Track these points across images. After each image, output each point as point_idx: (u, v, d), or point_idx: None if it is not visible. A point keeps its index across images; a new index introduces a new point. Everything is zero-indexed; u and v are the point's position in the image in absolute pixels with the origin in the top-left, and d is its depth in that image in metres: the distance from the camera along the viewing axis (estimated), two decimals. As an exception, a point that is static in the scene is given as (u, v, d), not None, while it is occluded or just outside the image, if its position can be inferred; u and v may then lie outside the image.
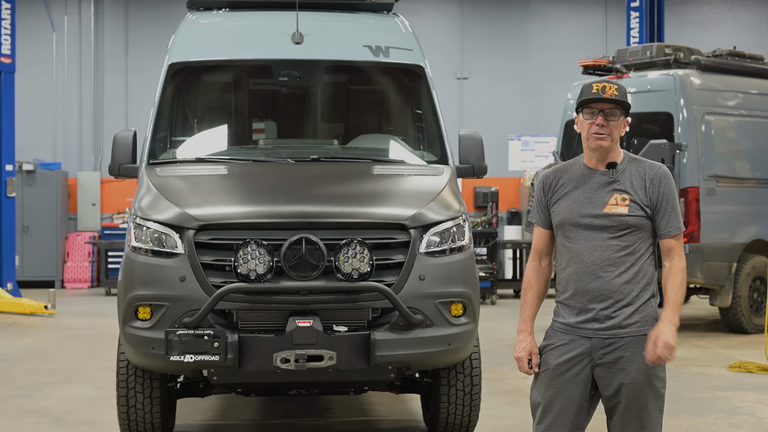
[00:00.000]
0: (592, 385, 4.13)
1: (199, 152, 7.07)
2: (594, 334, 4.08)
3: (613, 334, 4.06)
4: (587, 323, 4.09)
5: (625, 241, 4.08)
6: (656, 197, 4.11)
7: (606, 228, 4.09)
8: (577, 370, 4.10)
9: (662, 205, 4.11)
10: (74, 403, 8.14)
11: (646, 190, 4.11)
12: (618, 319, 4.06)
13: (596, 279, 4.08)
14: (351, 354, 5.74)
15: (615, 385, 4.06)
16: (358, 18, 7.79)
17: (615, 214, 4.08)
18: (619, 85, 4.15)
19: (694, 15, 20.82)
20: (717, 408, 7.99)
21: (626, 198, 4.10)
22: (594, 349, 4.08)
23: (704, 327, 13.21)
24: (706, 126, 11.98)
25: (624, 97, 4.12)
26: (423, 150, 7.29)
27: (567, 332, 4.15)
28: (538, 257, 4.34)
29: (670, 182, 4.14)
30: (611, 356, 4.05)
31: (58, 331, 12.74)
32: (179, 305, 5.80)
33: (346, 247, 5.80)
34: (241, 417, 7.65)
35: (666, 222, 4.11)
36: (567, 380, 4.11)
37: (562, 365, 4.12)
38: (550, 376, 4.14)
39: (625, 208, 4.08)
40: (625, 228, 4.08)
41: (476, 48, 20.25)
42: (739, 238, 12.23)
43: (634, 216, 4.08)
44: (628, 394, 4.03)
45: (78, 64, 19.61)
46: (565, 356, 4.12)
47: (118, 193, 18.97)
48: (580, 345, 4.10)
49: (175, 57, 7.33)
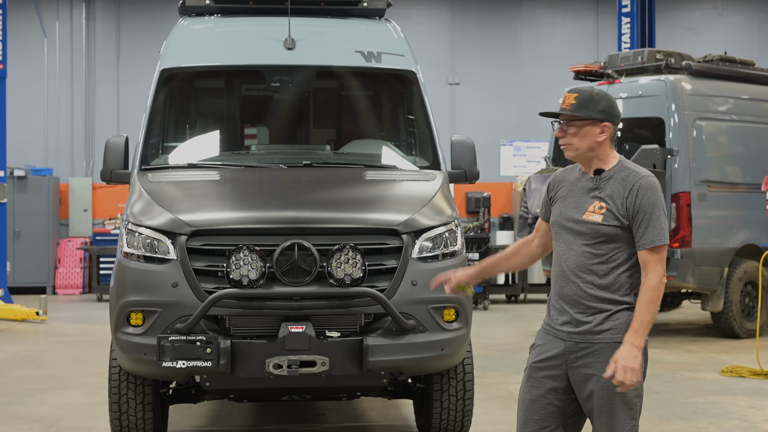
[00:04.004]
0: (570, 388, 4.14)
1: (191, 158, 7.07)
2: (568, 337, 4.09)
3: (585, 339, 4.05)
4: (563, 326, 4.11)
5: (599, 249, 4.03)
6: (633, 208, 3.99)
7: (582, 234, 4.06)
8: (551, 370, 4.12)
9: (638, 217, 3.99)
10: (66, 410, 8.11)
11: (624, 200, 4.01)
12: (590, 325, 4.04)
13: (570, 283, 4.08)
14: (344, 359, 5.74)
15: (587, 390, 4.05)
16: (350, 24, 7.80)
17: (589, 221, 4.04)
18: (580, 92, 4.09)
19: (685, 20, 20.89)
20: (709, 412, 8.00)
21: (603, 207, 4.03)
22: (568, 351, 4.08)
23: (696, 332, 13.24)
24: (698, 131, 12.02)
25: (582, 105, 4.03)
26: (415, 155, 7.30)
27: (548, 332, 4.18)
28: (534, 236, 4.39)
29: (650, 193, 3.98)
30: (583, 361, 4.05)
31: (49, 337, 12.71)
32: (171, 311, 5.80)
33: (339, 253, 5.80)
34: (233, 423, 7.64)
35: (641, 234, 3.99)
36: (540, 378, 4.14)
37: (538, 363, 4.16)
38: (527, 374, 4.20)
39: (599, 216, 4.02)
40: (597, 236, 4.03)
41: (468, 53, 20.28)
42: (731, 243, 12.25)
43: (608, 225, 4.01)
44: (598, 399, 4.02)
45: (69, 70, 19.59)
46: (541, 356, 4.15)
47: (110, 198, 18.95)
48: (556, 346, 4.12)
49: (167, 63, 7.33)
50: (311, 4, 7.74)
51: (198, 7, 7.80)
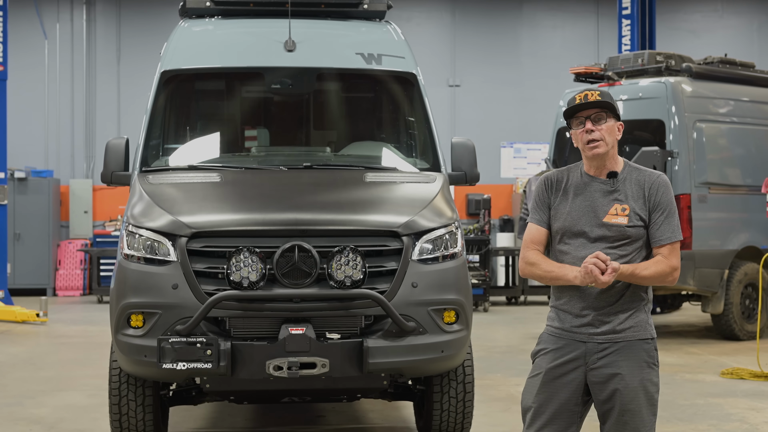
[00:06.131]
0: (584, 391, 4.13)
1: (192, 160, 7.07)
2: (589, 339, 4.09)
3: (608, 339, 4.07)
4: (582, 328, 4.10)
5: (623, 251, 4.09)
6: (652, 206, 4.10)
7: (605, 238, 4.10)
8: (570, 374, 4.11)
9: (656, 214, 4.10)
10: (66, 411, 8.11)
11: (645, 200, 4.11)
12: (612, 324, 4.07)
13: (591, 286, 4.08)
14: (344, 361, 5.74)
15: (609, 390, 4.06)
16: (351, 25, 7.81)
17: (615, 224, 4.09)
18: (601, 91, 4.15)
19: (685, 23, 20.89)
20: (709, 414, 8.00)
21: (626, 208, 4.10)
22: (588, 353, 4.08)
23: (696, 334, 13.23)
24: (698, 133, 12.02)
25: (610, 101, 4.13)
26: (415, 157, 7.30)
27: (561, 337, 4.15)
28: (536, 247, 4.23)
29: (668, 191, 4.13)
30: (605, 360, 4.06)
31: (50, 338, 12.71)
32: (172, 313, 5.80)
33: (339, 255, 5.80)
34: (233, 425, 7.64)
35: (657, 230, 4.09)
36: (560, 384, 4.12)
37: (555, 369, 4.13)
38: (543, 380, 4.14)
39: (624, 218, 4.09)
40: (623, 238, 4.09)
41: (468, 55, 20.28)
42: (731, 245, 12.25)
43: (633, 227, 4.09)
44: (622, 398, 4.04)
45: (70, 72, 19.59)
46: (558, 360, 4.13)
47: (111, 200, 18.94)
48: (574, 349, 4.11)
49: (167, 64, 7.33)
50: (311, 6, 7.74)
51: (198, 9, 7.80)
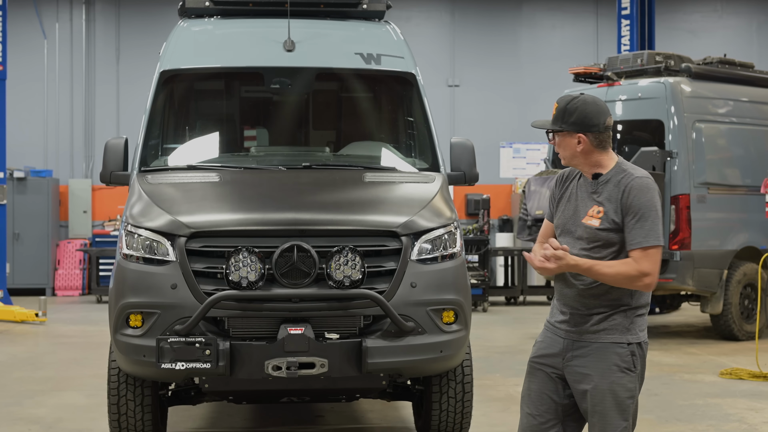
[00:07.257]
0: (566, 385, 4.18)
1: (191, 159, 7.07)
2: (566, 336, 4.16)
3: (582, 338, 4.11)
4: (561, 324, 4.18)
5: (597, 253, 4.05)
6: (625, 209, 4.00)
7: (581, 238, 4.10)
8: (549, 367, 4.19)
9: (628, 217, 3.99)
10: (65, 411, 8.11)
11: (618, 202, 4.02)
12: (587, 325, 4.10)
13: (570, 286, 4.14)
14: (343, 361, 5.74)
15: (581, 390, 4.11)
16: (350, 25, 7.81)
17: (587, 225, 4.08)
18: (559, 102, 4.12)
19: (684, 23, 20.89)
20: (708, 415, 8.00)
21: (600, 211, 4.05)
22: (566, 350, 4.15)
23: (695, 334, 13.24)
24: (697, 133, 12.02)
25: (557, 118, 4.07)
26: (414, 157, 7.30)
27: (549, 330, 4.26)
28: (541, 240, 4.33)
29: (641, 194, 3.97)
30: (578, 360, 4.10)
31: (48, 338, 12.70)
32: (171, 313, 5.80)
33: (338, 255, 5.80)
34: (232, 425, 7.64)
35: (629, 233, 3.99)
36: (540, 373, 4.22)
37: (538, 359, 4.24)
38: (528, 369, 4.28)
39: (597, 221, 4.05)
40: (595, 241, 4.06)
41: (468, 55, 20.28)
42: (730, 245, 12.25)
43: (604, 230, 4.03)
44: (591, 399, 4.07)
45: (69, 71, 19.59)
46: (540, 352, 4.24)
47: (110, 200, 18.94)
48: (555, 344, 4.19)
49: (166, 64, 7.33)
50: (311, 6, 7.74)
51: (198, 9, 7.81)
